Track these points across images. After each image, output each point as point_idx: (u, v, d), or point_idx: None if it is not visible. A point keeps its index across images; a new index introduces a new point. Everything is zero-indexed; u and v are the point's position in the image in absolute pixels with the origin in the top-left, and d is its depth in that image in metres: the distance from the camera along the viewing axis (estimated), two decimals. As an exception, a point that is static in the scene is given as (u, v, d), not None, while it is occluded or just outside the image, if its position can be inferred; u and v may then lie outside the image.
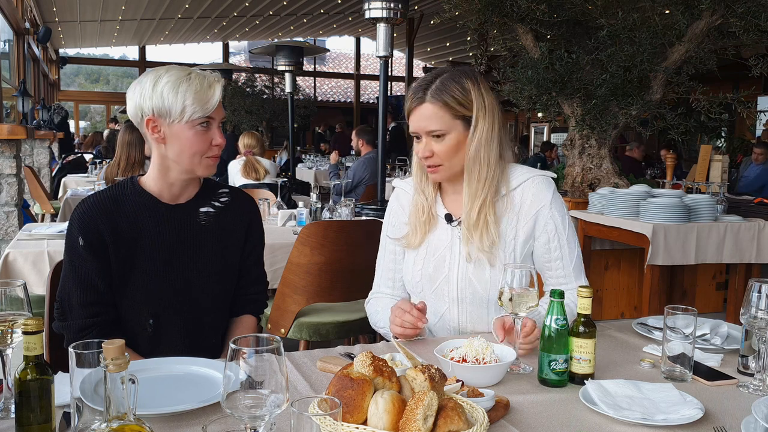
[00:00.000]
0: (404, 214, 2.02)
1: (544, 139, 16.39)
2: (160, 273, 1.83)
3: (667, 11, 4.57)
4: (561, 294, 1.51)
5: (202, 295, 1.89)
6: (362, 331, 3.10)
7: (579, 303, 1.52)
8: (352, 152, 9.68)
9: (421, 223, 1.94)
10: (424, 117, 1.83)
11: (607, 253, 4.91)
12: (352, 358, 1.54)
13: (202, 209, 1.90)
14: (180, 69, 1.78)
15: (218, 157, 1.83)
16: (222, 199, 1.95)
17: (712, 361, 1.66)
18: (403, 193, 2.06)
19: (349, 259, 2.93)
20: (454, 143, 1.83)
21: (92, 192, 1.84)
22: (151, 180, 1.85)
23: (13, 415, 1.18)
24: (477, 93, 1.83)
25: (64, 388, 1.22)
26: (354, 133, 7.34)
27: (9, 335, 1.30)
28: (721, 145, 11.67)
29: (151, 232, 1.82)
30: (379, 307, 2.01)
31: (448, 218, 1.93)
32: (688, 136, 4.73)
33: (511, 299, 1.59)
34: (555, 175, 1.99)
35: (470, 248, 1.87)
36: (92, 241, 1.76)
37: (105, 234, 1.77)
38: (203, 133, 1.77)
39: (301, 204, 4.08)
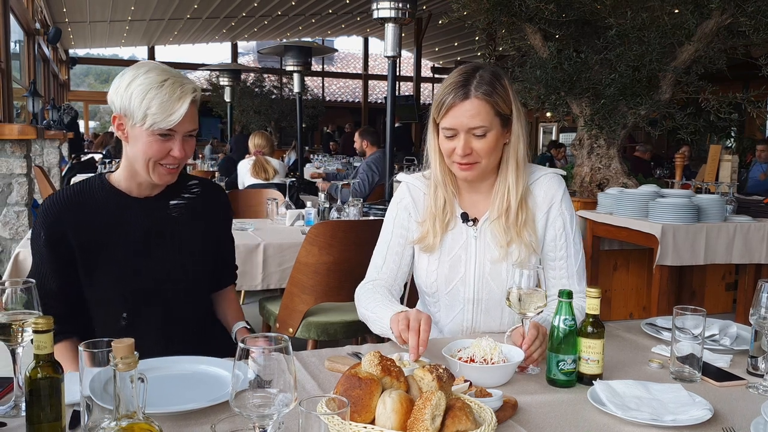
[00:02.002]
0: (418, 212, 1.96)
1: (553, 138, 16.38)
2: (133, 265, 1.81)
3: (677, 10, 4.56)
4: (569, 294, 1.51)
5: (178, 286, 1.87)
6: (370, 331, 3.10)
7: (587, 303, 1.52)
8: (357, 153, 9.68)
9: (443, 224, 1.89)
10: (468, 113, 1.77)
11: (615, 254, 4.89)
12: (360, 358, 1.54)
13: (172, 201, 1.89)
14: (160, 72, 1.73)
15: (176, 167, 1.79)
16: (193, 190, 1.95)
17: (722, 361, 1.65)
18: (415, 189, 1.99)
19: (357, 258, 2.93)
20: (494, 141, 1.81)
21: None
22: (120, 177, 1.84)
23: (23, 413, 1.19)
24: (513, 91, 1.84)
25: (74, 386, 1.23)
26: (357, 134, 7.35)
27: (20, 334, 1.31)
28: (730, 144, 11.62)
29: (121, 224, 1.80)
30: (375, 295, 1.92)
31: (465, 217, 1.91)
32: (697, 136, 4.70)
33: (519, 299, 1.59)
34: (565, 173, 1.99)
35: (499, 246, 1.86)
36: (53, 238, 1.76)
37: (68, 229, 1.76)
38: (162, 141, 1.73)
39: (309, 204, 4.09)
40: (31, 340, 1.18)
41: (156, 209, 1.86)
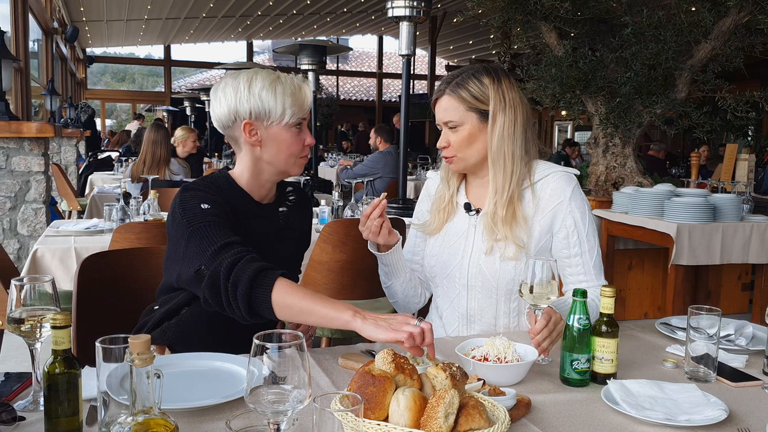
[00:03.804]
0: (430, 202, 2.10)
1: (568, 136, 16.30)
2: None
3: (693, 8, 4.52)
4: (584, 293, 1.51)
5: None
6: (384, 329, 3.10)
7: (602, 302, 1.51)
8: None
9: (440, 210, 2.02)
10: (442, 108, 1.92)
11: (630, 253, 4.87)
12: (374, 356, 1.54)
13: (280, 209, 1.95)
14: (265, 71, 1.78)
15: (308, 156, 1.86)
16: (291, 198, 2.01)
17: (737, 362, 1.64)
18: (432, 183, 2.15)
19: (370, 257, 2.93)
20: (467, 135, 1.90)
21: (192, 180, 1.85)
22: (243, 179, 1.84)
23: (42, 408, 1.21)
24: (496, 88, 1.88)
25: (91, 382, 1.24)
26: (373, 131, 7.49)
27: (38, 330, 1.32)
28: (747, 143, 11.50)
29: (241, 225, 1.79)
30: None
31: (467, 207, 1.99)
32: (713, 135, 4.67)
33: (531, 292, 1.60)
34: (578, 172, 2.00)
35: (489, 239, 1.91)
36: (216, 204, 1.72)
37: (221, 202, 1.74)
38: (298, 134, 1.79)
39: (323, 202, 4.09)
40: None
41: (268, 216, 1.90)
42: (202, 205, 1.69)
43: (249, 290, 1.55)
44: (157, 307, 1.88)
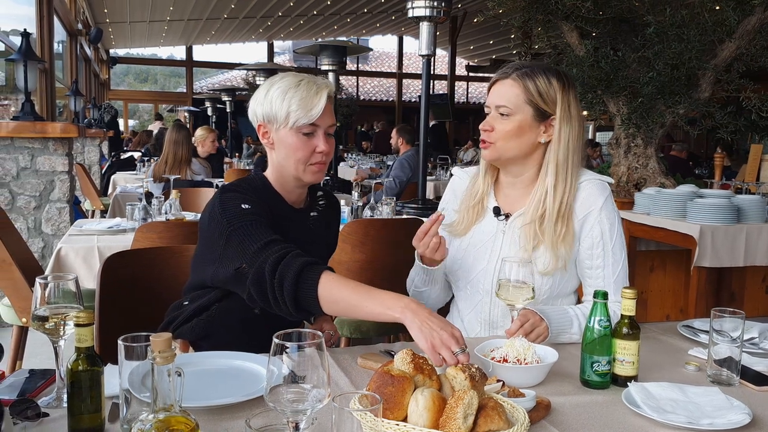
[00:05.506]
0: (456, 201, 2.04)
1: (589, 137, 16.19)
2: None
3: (717, 7, 4.46)
4: (605, 295, 1.49)
5: None
6: (403, 329, 3.10)
7: (623, 304, 1.50)
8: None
9: (470, 208, 1.96)
10: (500, 91, 1.85)
11: (652, 254, 4.82)
12: (393, 356, 1.55)
13: (312, 214, 1.94)
14: (294, 76, 1.79)
15: (324, 163, 1.83)
16: (320, 202, 2.00)
17: (761, 365, 1.62)
18: (458, 180, 2.09)
19: (390, 257, 2.94)
20: (516, 126, 1.83)
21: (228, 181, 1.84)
22: (273, 181, 1.87)
23: (65, 405, 1.22)
24: (563, 95, 1.84)
25: (113, 379, 1.26)
26: (395, 131, 7.37)
27: (62, 327, 1.34)
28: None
29: (277, 227, 1.77)
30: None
31: (496, 211, 1.94)
32: (737, 136, 4.60)
33: (507, 292, 1.60)
34: (612, 180, 1.95)
35: (527, 246, 1.85)
36: (256, 204, 1.74)
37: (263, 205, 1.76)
38: (307, 140, 1.77)
39: (342, 202, 4.10)
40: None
41: (301, 221, 1.90)
42: (242, 205, 1.72)
43: (295, 285, 1.57)
44: (186, 303, 1.89)
